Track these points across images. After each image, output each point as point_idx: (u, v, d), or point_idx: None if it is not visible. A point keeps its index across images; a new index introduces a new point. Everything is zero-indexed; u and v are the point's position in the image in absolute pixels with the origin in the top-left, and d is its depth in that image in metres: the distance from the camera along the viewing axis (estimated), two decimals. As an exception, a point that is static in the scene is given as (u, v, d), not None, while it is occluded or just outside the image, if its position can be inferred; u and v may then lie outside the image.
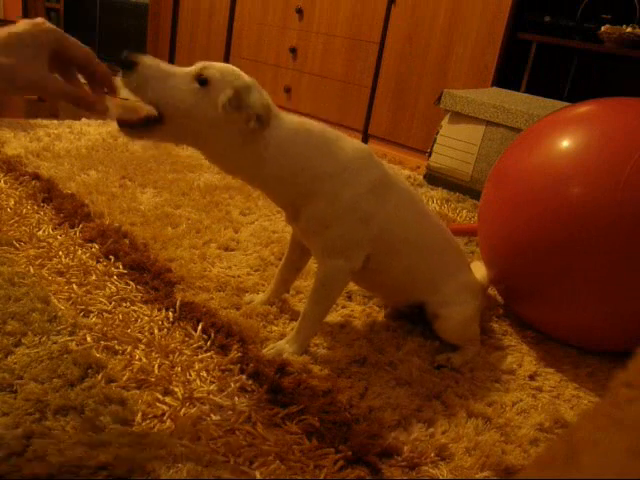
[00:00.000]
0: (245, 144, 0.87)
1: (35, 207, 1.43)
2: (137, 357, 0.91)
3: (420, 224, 1.05)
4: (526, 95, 2.36)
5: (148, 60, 0.81)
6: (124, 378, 0.85)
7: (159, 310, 1.06)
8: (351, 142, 0.98)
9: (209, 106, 0.84)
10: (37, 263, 1.15)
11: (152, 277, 1.17)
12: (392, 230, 0.99)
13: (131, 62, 0.80)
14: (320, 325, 1.05)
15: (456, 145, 2.23)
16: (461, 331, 1.07)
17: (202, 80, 0.84)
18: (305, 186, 0.92)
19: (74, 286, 1.09)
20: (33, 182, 1.56)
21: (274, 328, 1.07)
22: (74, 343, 0.91)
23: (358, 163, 0.96)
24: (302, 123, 0.93)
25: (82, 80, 0.77)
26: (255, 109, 0.85)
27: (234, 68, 0.88)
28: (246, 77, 0.87)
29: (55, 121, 2.34)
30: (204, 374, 0.90)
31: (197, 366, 0.92)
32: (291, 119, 0.92)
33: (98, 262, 1.21)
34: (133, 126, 0.83)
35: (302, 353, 1.00)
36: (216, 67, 0.85)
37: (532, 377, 1.06)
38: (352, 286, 1.28)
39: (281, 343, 1.00)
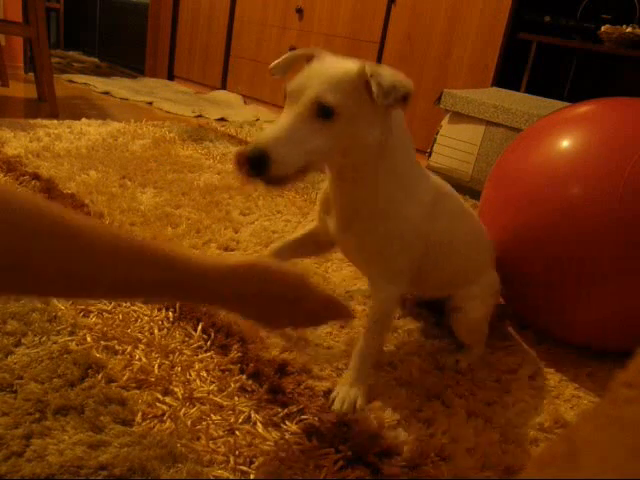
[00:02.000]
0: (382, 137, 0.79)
1: (35, 207, 1.42)
2: (137, 357, 0.91)
3: (466, 229, 1.03)
4: (526, 95, 2.36)
5: (268, 143, 0.70)
6: (124, 378, 0.85)
7: (159, 310, 1.06)
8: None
9: (351, 129, 0.75)
10: (37, 263, 1.15)
11: (152, 277, 1.17)
12: (442, 242, 0.95)
13: (260, 163, 0.69)
14: (375, 359, 0.96)
15: (456, 145, 2.23)
16: (477, 327, 1.06)
17: (326, 112, 0.72)
18: (388, 191, 0.84)
19: (74, 286, 1.09)
20: (33, 182, 1.56)
21: (274, 328, 1.07)
22: (74, 343, 0.91)
23: (421, 177, 0.90)
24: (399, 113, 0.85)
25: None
26: (403, 88, 0.72)
27: (331, 69, 0.76)
28: (354, 65, 0.76)
29: (55, 121, 2.34)
30: (204, 374, 0.90)
31: (197, 366, 0.92)
32: None
33: (98, 262, 1.21)
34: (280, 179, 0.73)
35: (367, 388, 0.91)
36: (324, 88, 0.73)
37: (532, 377, 1.06)
38: (352, 286, 1.28)
39: (344, 390, 0.88)
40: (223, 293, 0.66)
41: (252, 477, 0.72)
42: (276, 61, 0.84)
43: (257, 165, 0.69)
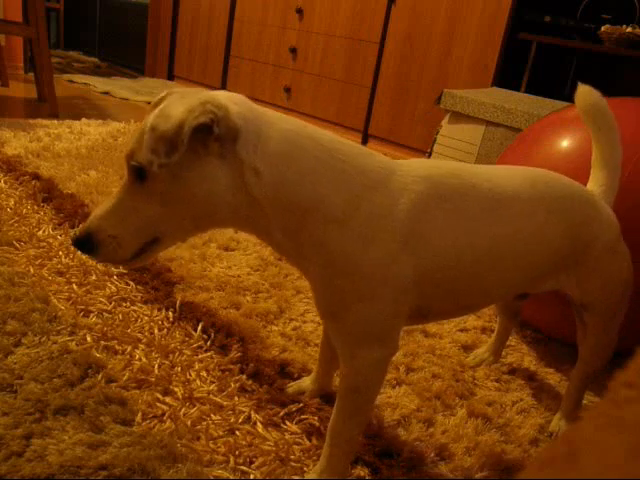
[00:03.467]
0: (233, 185, 0.59)
1: (35, 207, 1.43)
2: (137, 357, 0.91)
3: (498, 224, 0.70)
4: (526, 95, 2.36)
5: (94, 222, 0.60)
6: (124, 378, 0.85)
7: (159, 310, 1.06)
8: (371, 160, 0.65)
9: (170, 187, 0.59)
10: (37, 263, 1.15)
11: (152, 277, 1.17)
12: (452, 266, 0.67)
13: (84, 244, 0.60)
14: (357, 443, 0.76)
15: (456, 145, 2.23)
16: None
17: (140, 173, 0.59)
18: (311, 240, 0.62)
19: (74, 286, 1.09)
20: (33, 182, 1.56)
21: (274, 328, 1.07)
22: (74, 343, 0.91)
23: (381, 198, 0.62)
24: (289, 133, 0.61)
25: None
26: (192, 121, 0.55)
27: (146, 122, 0.59)
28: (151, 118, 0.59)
29: (55, 121, 2.34)
30: (204, 374, 0.90)
31: (197, 366, 0.92)
32: (279, 128, 0.61)
33: (98, 262, 1.21)
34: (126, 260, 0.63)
35: None
36: (135, 145, 0.60)
37: (532, 377, 1.06)
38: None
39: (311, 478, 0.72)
40: None
41: (252, 477, 0.72)
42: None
43: (84, 249, 0.61)
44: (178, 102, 0.58)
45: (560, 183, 0.80)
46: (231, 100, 0.60)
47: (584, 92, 0.86)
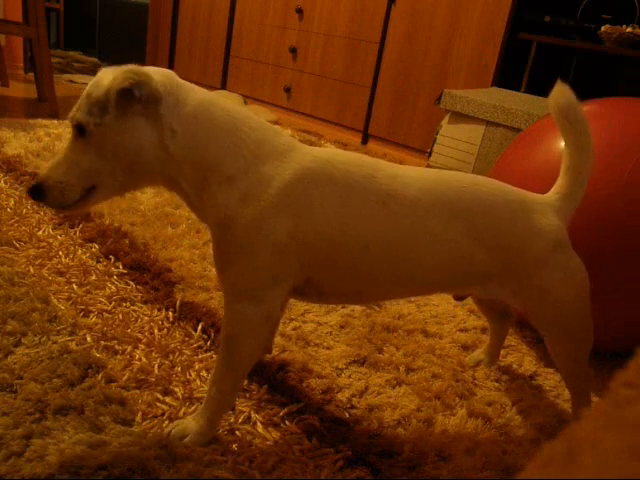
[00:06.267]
0: (158, 143, 0.70)
1: (35, 207, 1.43)
2: (137, 357, 0.91)
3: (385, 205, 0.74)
4: (526, 95, 2.36)
5: (44, 173, 0.71)
6: (124, 378, 0.85)
7: (159, 310, 1.06)
8: (262, 130, 0.75)
9: (104, 140, 0.69)
10: (37, 263, 1.15)
11: (152, 277, 1.17)
12: (337, 241, 0.73)
13: (35, 191, 0.70)
14: (234, 395, 0.80)
15: (456, 145, 2.23)
16: None
17: (80, 129, 0.69)
18: (210, 194, 0.72)
19: (74, 286, 1.09)
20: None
21: (274, 328, 1.07)
22: (74, 343, 0.91)
23: (262, 162, 0.72)
24: (204, 102, 0.72)
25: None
26: (116, 87, 0.66)
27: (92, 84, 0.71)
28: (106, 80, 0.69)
29: (55, 121, 2.34)
30: (204, 374, 0.90)
31: (197, 366, 0.92)
32: (196, 97, 0.72)
33: (98, 262, 1.21)
34: (70, 205, 0.72)
35: (212, 433, 0.77)
36: (78, 106, 0.70)
37: (532, 377, 1.06)
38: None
39: (187, 420, 0.78)
40: None
41: (252, 477, 0.72)
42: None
43: (36, 196, 0.71)
44: (108, 73, 0.69)
45: (486, 191, 0.80)
46: (157, 72, 0.70)
47: (558, 92, 0.85)
